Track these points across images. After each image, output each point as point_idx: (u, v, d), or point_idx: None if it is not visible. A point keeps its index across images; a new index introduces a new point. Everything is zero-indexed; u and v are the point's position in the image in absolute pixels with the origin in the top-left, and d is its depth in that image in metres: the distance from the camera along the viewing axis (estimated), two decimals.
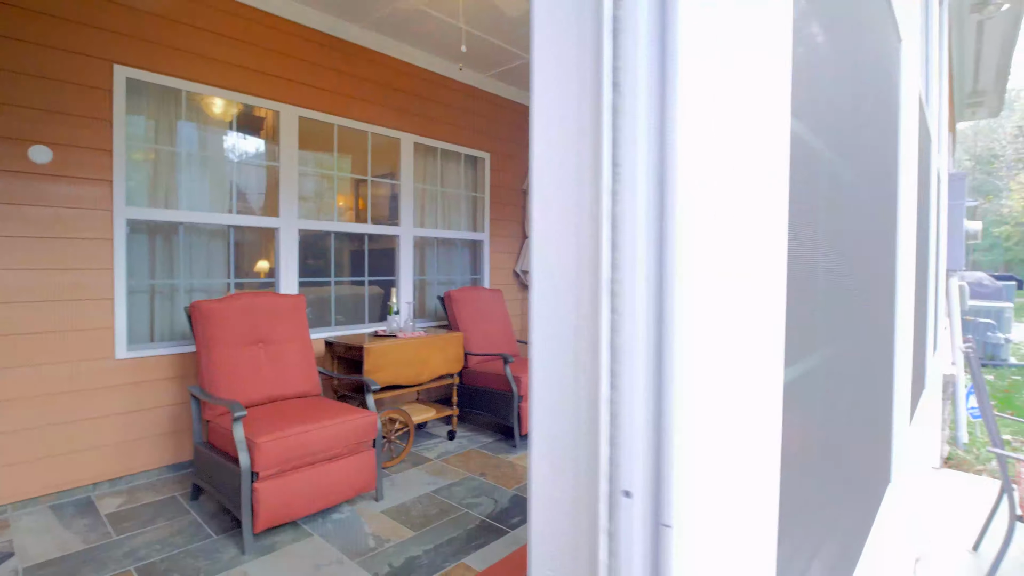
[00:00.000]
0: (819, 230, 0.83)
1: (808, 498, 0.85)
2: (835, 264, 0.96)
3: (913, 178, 1.48)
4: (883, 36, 1.30)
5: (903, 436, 1.47)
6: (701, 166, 0.33)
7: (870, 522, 1.18)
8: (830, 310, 0.93)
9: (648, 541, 0.33)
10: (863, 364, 1.26)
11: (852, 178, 1.10)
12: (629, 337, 0.33)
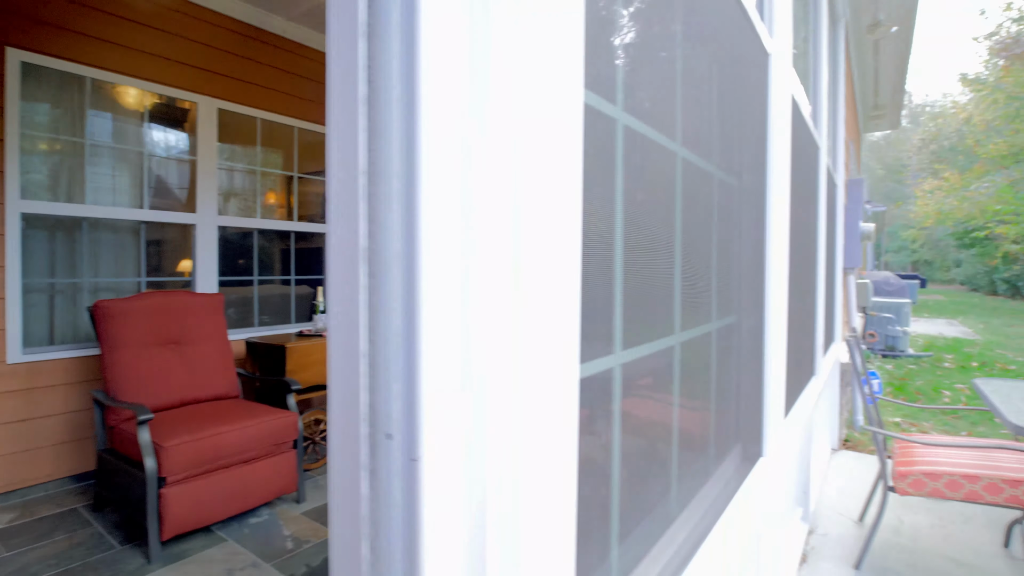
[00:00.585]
0: (653, 226, 0.91)
1: (643, 463, 0.93)
2: (690, 259, 1.05)
3: (784, 181, 1.62)
4: (747, 52, 1.42)
5: (775, 418, 1.60)
6: (449, 156, 0.38)
7: (734, 490, 1.29)
8: (666, 303, 1.02)
9: (403, 473, 0.37)
10: (726, 352, 1.37)
11: (720, 182, 1.21)
12: (385, 298, 0.38)
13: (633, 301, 0.89)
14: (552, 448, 0.51)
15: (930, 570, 2.45)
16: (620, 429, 0.87)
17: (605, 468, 0.83)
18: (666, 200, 1.02)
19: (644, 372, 0.98)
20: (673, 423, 1.07)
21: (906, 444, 2.60)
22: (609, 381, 0.82)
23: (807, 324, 2.63)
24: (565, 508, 0.54)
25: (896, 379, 6.22)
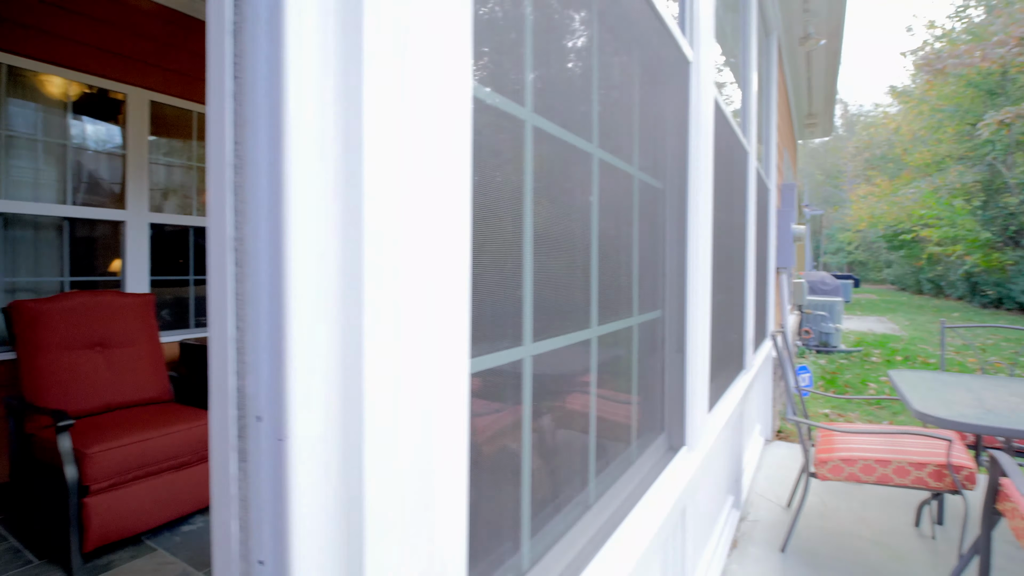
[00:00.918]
0: (568, 224, 0.95)
1: (552, 447, 0.96)
2: (610, 257, 1.10)
3: (707, 183, 1.70)
4: (667, 61, 1.49)
5: (699, 410, 1.68)
6: (316, 149, 0.40)
7: (654, 478, 1.35)
8: (583, 298, 1.06)
9: (271, 454, 0.39)
10: (651, 345, 1.43)
11: (643, 183, 1.26)
12: (253, 286, 0.39)
13: (545, 296, 0.92)
14: (439, 433, 0.53)
15: (848, 550, 2.62)
16: (532, 418, 0.90)
17: (515, 457, 0.86)
18: (582, 199, 1.06)
19: (560, 363, 1.01)
20: (591, 413, 1.12)
21: (827, 433, 2.77)
22: (519, 371, 0.86)
23: (737, 320, 2.76)
24: (454, 493, 0.56)
25: (828, 373, 6.58)
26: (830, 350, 8.05)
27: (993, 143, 17.47)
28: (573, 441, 1.07)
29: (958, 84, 18.88)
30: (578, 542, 1.04)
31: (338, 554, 0.42)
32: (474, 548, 0.74)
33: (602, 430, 1.20)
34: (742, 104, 2.79)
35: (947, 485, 2.27)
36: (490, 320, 0.77)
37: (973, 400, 2.35)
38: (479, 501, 0.78)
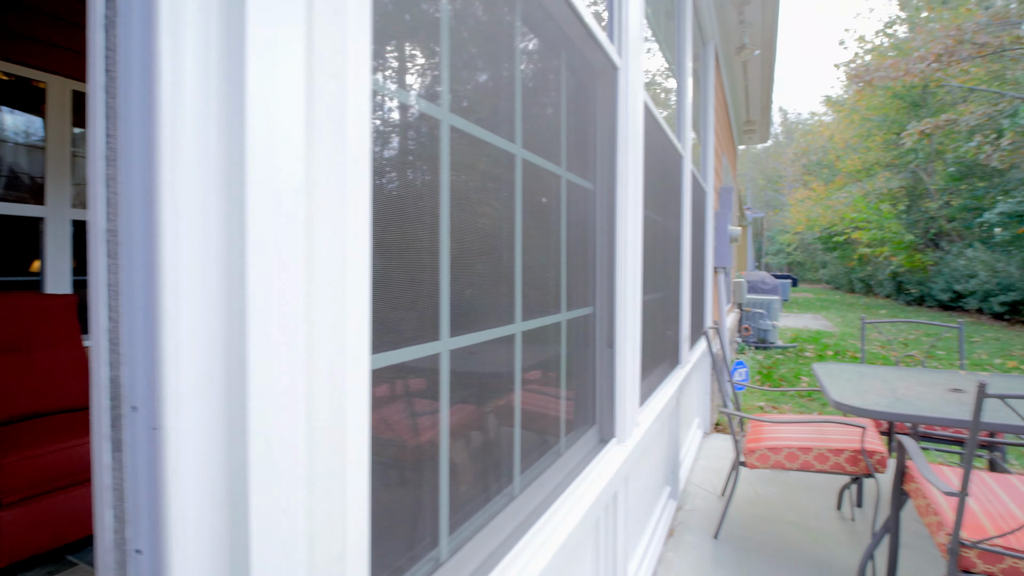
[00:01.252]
0: (488, 222, 0.98)
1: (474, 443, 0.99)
2: (535, 254, 1.13)
3: (637, 184, 1.77)
4: (595, 66, 1.54)
5: (630, 403, 1.75)
6: (196, 142, 0.41)
7: (580, 469, 1.40)
8: (505, 294, 1.09)
9: (146, 443, 0.40)
10: (583, 340, 1.48)
11: (572, 184, 1.30)
12: (127, 276, 0.40)
13: (465, 292, 0.95)
14: (335, 426, 0.54)
15: (775, 534, 2.77)
16: (452, 412, 0.92)
17: (433, 450, 0.88)
18: (504, 198, 1.09)
19: (486, 358, 1.04)
20: (515, 407, 1.15)
21: (757, 424, 2.92)
22: (437, 366, 0.88)
23: (672, 317, 2.87)
24: (354, 487, 0.58)
25: (765, 368, 6.91)
26: (768, 346, 8.45)
27: (916, 152, 18.75)
28: (498, 434, 1.09)
29: (885, 96, 20.18)
30: (503, 530, 1.07)
31: (221, 545, 0.43)
32: (383, 541, 0.76)
33: (529, 423, 1.24)
34: (677, 110, 2.91)
35: (862, 469, 2.44)
36: (403, 316, 0.79)
37: (886, 390, 2.53)
38: (393, 494, 0.79)
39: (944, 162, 17.75)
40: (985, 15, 14.39)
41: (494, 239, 1.04)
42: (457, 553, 0.92)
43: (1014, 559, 1.67)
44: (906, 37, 19.93)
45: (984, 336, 10.94)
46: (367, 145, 0.58)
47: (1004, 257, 13.76)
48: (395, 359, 0.75)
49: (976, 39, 14.09)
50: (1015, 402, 2.19)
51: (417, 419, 0.85)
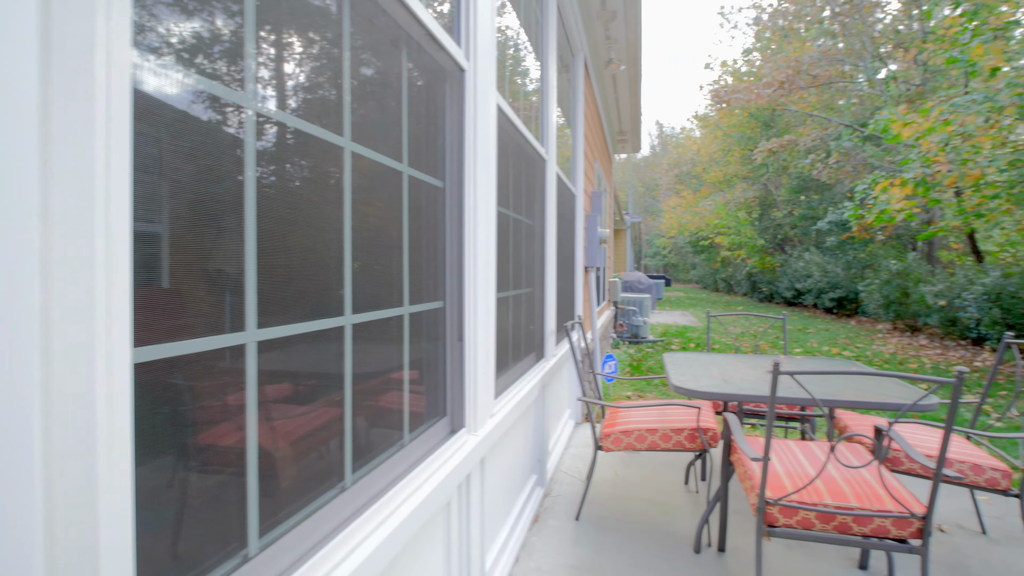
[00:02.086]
0: (308, 212, 0.97)
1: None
2: (367, 247, 1.14)
3: (489, 184, 1.84)
4: (439, 67, 1.58)
5: (484, 394, 1.82)
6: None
7: (427, 456, 1.43)
8: (332, 287, 1.09)
9: None
10: (433, 333, 1.50)
11: (417, 181, 1.32)
12: None
13: (276, 285, 0.94)
14: (81, 421, 0.52)
15: (631, 511, 3.00)
16: (264, 405, 0.91)
17: (238, 448, 0.86)
18: (329, 191, 1.09)
19: (307, 351, 1.03)
20: (346, 399, 1.15)
21: (614, 410, 3.15)
22: (243, 357, 0.86)
23: (537, 313, 3.01)
24: (110, 485, 0.55)
25: (635, 360, 7.45)
26: (640, 340, 9.11)
27: (766, 166, 21.19)
28: (325, 428, 1.09)
29: (742, 115, 22.59)
30: (330, 522, 1.06)
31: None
32: (174, 543, 0.73)
33: (366, 416, 1.25)
34: (541, 116, 3.05)
35: (698, 445, 2.72)
36: (197, 307, 0.76)
37: (720, 374, 2.85)
38: (188, 494, 0.76)
39: (788, 176, 20.27)
40: (817, 51, 16.67)
41: (317, 231, 1.04)
42: (270, 547, 0.91)
43: (805, 511, 1.96)
44: (760, 64, 22.48)
45: (817, 327, 12.65)
46: (126, 127, 0.57)
47: (833, 260, 16.02)
48: (175, 351, 0.73)
49: (811, 71, 16.28)
50: (803, 378, 2.58)
51: (220, 414, 0.83)
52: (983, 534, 2.83)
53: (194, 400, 0.78)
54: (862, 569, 2.47)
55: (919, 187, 7.80)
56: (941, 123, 7.35)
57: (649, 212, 49.07)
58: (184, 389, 0.77)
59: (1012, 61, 7.26)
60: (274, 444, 0.94)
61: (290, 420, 0.99)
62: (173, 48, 0.72)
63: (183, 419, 0.76)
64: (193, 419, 0.78)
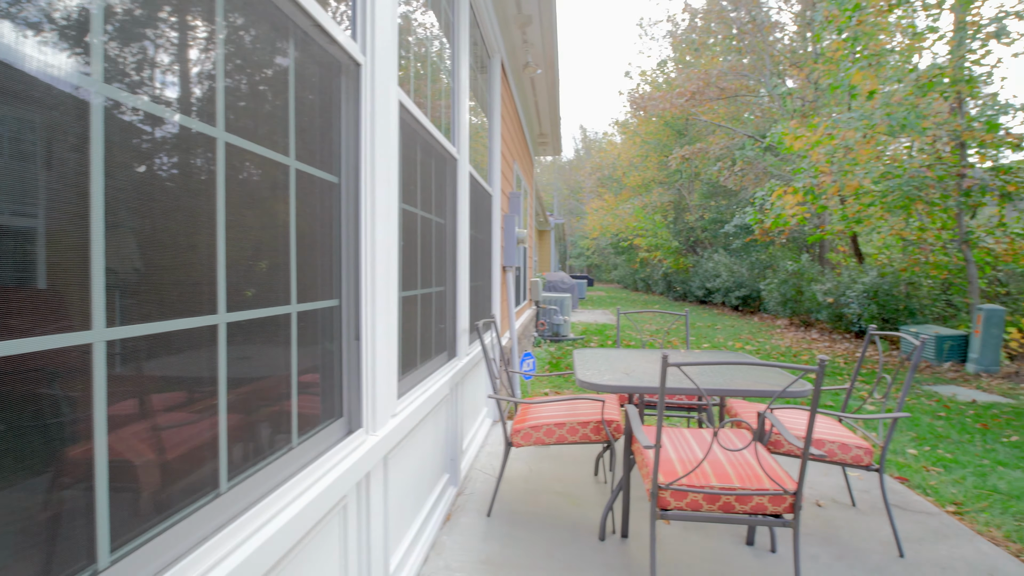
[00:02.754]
0: (158, 202, 0.92)
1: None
2: (243, 239, 1.09)
3: (387, 181, 1.82)
4: (328, 61, 1.55)
5: (384, 394, 1.80)
6: None
7: (317, 457, 1.39)
8: (200, 282, 1.04)
9: None
10: (327, 332, 1.47)
11: (307, 176, 1.28)
12: None
13: (128, 282, 0.88)
14: None
15: (543, 504, 3.07)
16: (115, 409, 0.85)
17: (84, 458, 0.80)
18: (200, 184, 1.04)
19: (170, 352, 0.98)
20: (220, 400, 1.10)
21: (525, 406, 3.21)
22: (87, 356, 0.80)
23: (449, 311, 3.01)
24: None
25: (555, 358, 7.62)
26: (560, 339, 9.33)
27: (680, 172, 22.38)
28: (194, 431, 1.04)
29: (659, 123, 23.72)
30: (201, 528, 1.02)
31: None
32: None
33: (246, 419, 1.20)
34: (452, 115, 3.05)
35: (603, 437, 2.83)
36: (36, 304, 0.71)
37: (624, 368, 2.98)
38: (25, 508, 0.71)
39: (700, 182, 21.52)
40: (724, 65, 17.84)
41: (182, 224, 0.99)
42: (124, 559, 0.85)
43: (694, 494, 2.10)
44: (673, 76, 23.70)
45: (724, 324, 13.52)
46: None
47: (738, 261, 17.19)
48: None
49: (719, 84, 17.39)
50: (694, 369, 2.77)
51: (64, 421, 0.77)
52: (853, 506, 3.15)
53: (32, 406, 0.73)
54: (749, 544, 2.67)
55: (808, 195, 8.55)
56: (826, 137, 8.10)
57: (574, 214, 50.36)
58: (18, 394, 0.71)
59: (884, 85, 8.12)
60: (130, 452, 0.89)
61: (151, 426, 0.94)
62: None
63: (21, 427, 0.70)
64: (32, 426, 0.72)
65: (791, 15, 17.62)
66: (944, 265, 8.91)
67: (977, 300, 7.88)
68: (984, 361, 7.17)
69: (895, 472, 3.76)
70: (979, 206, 8.52)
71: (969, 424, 4.98)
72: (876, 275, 9.69)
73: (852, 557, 2.57)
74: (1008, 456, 4.13)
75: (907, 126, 7.40)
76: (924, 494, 3.40)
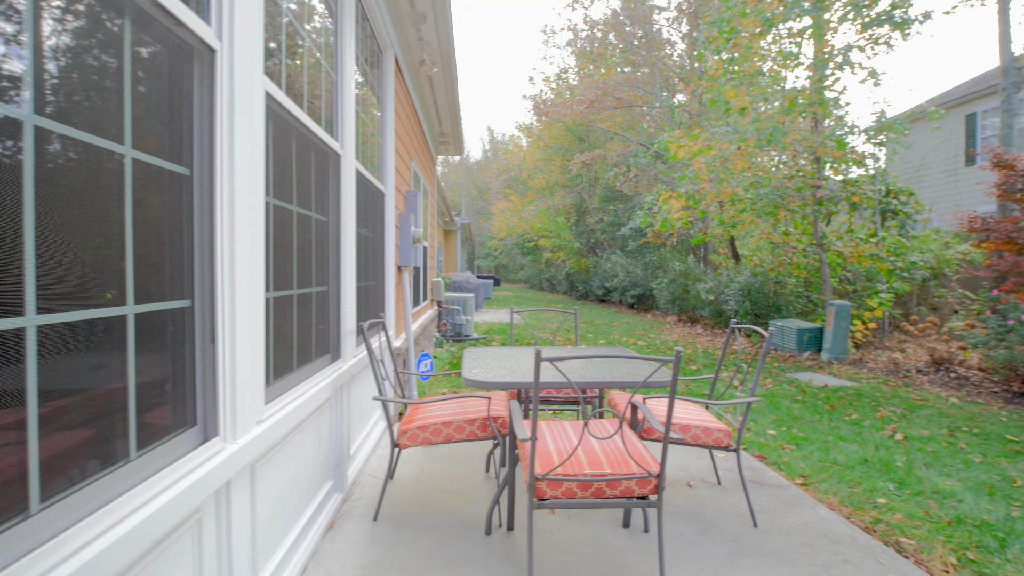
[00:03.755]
0: None
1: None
2: (60, 239, 0.99)
3: (250, 174, 1.73)
4: (176, 47, 1.45)
5: (247, 400, 1.71)
6: None
7: (168, 465, 1.30)
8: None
9: None
10: (177, 335, 1.37)
11: (153, 168, 1.17)
12: None
13: None
14: None
15: (432, 504, 3.07)
16: None
17: None
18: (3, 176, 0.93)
19: None
20: (30, 414, 1.00)
21: (414, 407, 3.19)
22: None
23: (331, 313, 2.92)
24: None
25: (456, 358, 7.63)
26: (463, 339, 9.35)
27: (581, 177, 23.25)
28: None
29: (561, 128, 24.47)
30: (11, 550, 0.91)
31: None
32: None
33: (69, 433, 1.09)
34: (336, 109, 2.96)
35: (490, 433, 2.88)
36: None
37: (511, 365, 3.06)
38: None
39: (599, 187, 22.49)
40: (621, 76, 18.80)
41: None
42: None
43: (568, 482, 2.20)
44: (575, 83, 24.56)
45: (620, 321, 14.25)
46: None
47: (634, 262, 18.20)
48: None
49: (616, 93, 18.30)
50: (573, 363, 2.90)
51: None
52: (719, 485, 3.46)
53: None
54: (625, 527, 2.84)
55: (691, 200, 9.24)
56: (706, 148, 8.81)
57: (482, 214, 50.62)
58: None
59: (757, 103, 8.98)
60: None
61: None
62: None
63: None
64: None
65: (679, 34, 18.95)
66: (804, 266, 10.02)
67: (830, 296, 8.93)
68: (835, 350, 8.14)
69: (756, 451, 4.17)
70: (832, 214, 9.69)
71: (820, 406, 5.64)
72: (750, 275, 10.68)
73: (714, 531, 2.82)
74: (848, 432, 4.73)
75: (772, 141, 8.23)
76: (779, 470, 3.81)
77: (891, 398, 5.99)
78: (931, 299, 9.95)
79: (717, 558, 2.55)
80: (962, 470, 3.83)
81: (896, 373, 7.23)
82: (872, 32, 8.33)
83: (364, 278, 3.76)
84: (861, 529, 2.90)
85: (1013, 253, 7.24)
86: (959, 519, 3.06)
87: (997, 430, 4.81)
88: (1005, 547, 2.76)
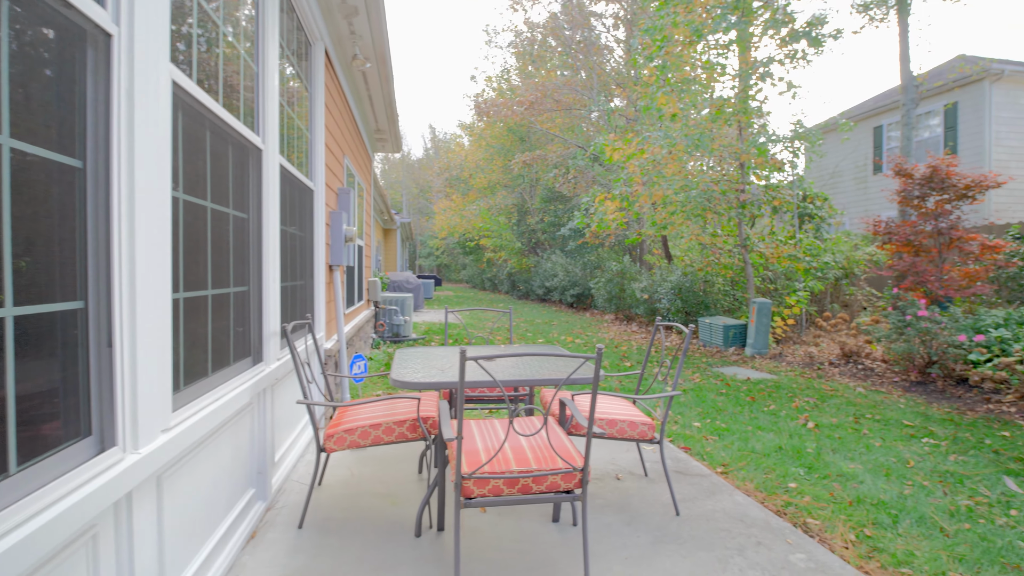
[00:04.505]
0: None
1: None
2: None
3: (154, 168, 1.64)
4: (72, 27, 1.36)
5: (152, 405, 1.61)
6: None
7: (54, 479, 1.21)
8: None
9: None
10: (68, 338, 1.27)
11: (37, 159, 1.08)
12: None
13: None
14: None
15: (361, 508, 3.01)
16: None
17: None
18: None
19: None
20: None
21: (342, 409, 3.12)
22: None
23: (252, 314, 2.80)
24: None
25: (391, 358, 7.51)
26: (401, 339, 9.21)
27: (522, 177, 23.44)
28: None
29: (503, 128, 24.57)
30: None
31: None
32: None
33: None
34: (256, 102, 2.84)
35: (420, 434, 2.86)
36: None
37: (440, 365, 3.04)
38: None
39: (540, 187, 22.75)
40: (560, 79, 19.11)
41: None
42: None
43: (495, 479, 2.22)
44: (515, 84, 24.73)
45: (560, 320, 14.48)
46: None
47: (573, 261, 18.54)
48: None
49: (555, 96, 18.57)
50: (503, 362, 2.94)
51: None
52: (645, 476, 3.59)
53: None
54: (555, 522, 2.90)
55: (625, 202, 9.52)
56: (639, 151, 9.11)
57: (423, 213, 49.99)
58: None
59: (688, 110, 9.37)
60: None
61: None
62: None
63: None
64: None
65: (616, 40, 19.47)
66: (731, 266, 10.56)
67: (753, 295, 9.46)
68: (757, 345, 8.63)
69: (681, 443, 4.36)
70: (756, 217, 10.26)
71: (742, 398, 5.96)
72: (681, 274, 11.13)
73: (639, 521, 2.93)
74: (766, 422, 5.03)
75: (700, 146, 8.62)
76: (702, 460, 4.00)
77: (806, 389, 6.41)
78: (843, 297, 10.74)
79: (641, 547, 2.65)
80: (864, 454, 4.16)
81: (811, 366, 7.75)
82: (791, 48, 8.89)
83: (291, 278, 3.63)
84: (773, 512, 3.10)
85: (911, 254, 7.94)
86: (859, 499, 3.32)
87: (896, 416, 5.25)
88: (897, 522, 3.03)
